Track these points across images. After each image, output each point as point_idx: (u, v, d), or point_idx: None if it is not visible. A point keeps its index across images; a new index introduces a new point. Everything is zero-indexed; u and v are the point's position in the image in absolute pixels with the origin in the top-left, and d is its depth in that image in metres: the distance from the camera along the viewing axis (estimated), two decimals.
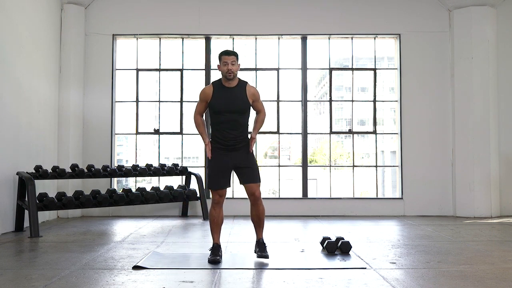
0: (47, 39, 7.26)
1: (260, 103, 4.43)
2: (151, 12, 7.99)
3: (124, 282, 3.56)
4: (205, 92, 4.31)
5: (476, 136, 7.60)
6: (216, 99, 4.25)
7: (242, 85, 4.33)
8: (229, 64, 4.21)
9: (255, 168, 4.35)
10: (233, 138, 4.25)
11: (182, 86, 8.18)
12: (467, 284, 3.45)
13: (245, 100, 4.28)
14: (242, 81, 4.37)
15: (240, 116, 4.28)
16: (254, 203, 4.33)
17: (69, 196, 6.22)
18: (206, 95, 4.30)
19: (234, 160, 4.27)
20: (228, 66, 4.21)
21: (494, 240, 5.45)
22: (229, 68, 4.21)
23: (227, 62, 4.22)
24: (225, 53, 4.28)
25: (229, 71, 4.21)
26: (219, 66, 4.29)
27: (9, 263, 4.23)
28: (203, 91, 4.33)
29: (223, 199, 4.29)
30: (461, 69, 7.74)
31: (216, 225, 4.32)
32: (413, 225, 6.70)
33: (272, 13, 8.03)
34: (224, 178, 4.27)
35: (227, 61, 4.22)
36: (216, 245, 4.32)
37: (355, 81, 8.46)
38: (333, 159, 9.26)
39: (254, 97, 4.34)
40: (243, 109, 4.29)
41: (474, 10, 7.65)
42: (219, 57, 4.31)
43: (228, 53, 4.27)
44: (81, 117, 7.79)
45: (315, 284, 3.52)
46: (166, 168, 7.39)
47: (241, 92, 4.29)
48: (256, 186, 4.30)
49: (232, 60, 4.23)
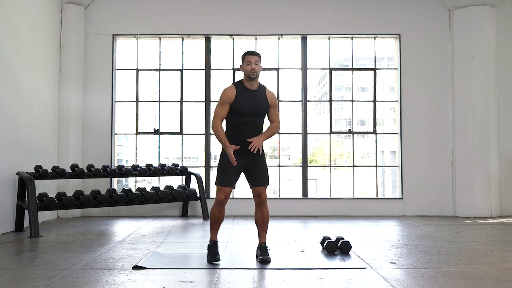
0: (47, 39, 7.26)
1: (276, 111, 4.41)
2: (151, 12, 7.99)
3: (124, 282, 3.56)
4: (228, 93, 4.22)
5: (476, 136, 7.60)
6: (239, 101, 4.21)
7: (262, 89, 4.34)
8: (252, 64, 4.21)
9: (266, 171, 4.35)
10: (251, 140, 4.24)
11: (182, 86, 8.18)
12: (467, 284, 3.45)
13: (266, 104, 4.30)
14: (261, 84, 4.37)
15: (259, 119, 4.30)
16: (260, 205, 4.32)
17: (69, 196, 6.22)
18: (230, 96, 4.21)
19: (247, 161, 4.24)
20: (251, 66, 4.21)
21: (494, 240, 5.45)
22: (253, 68, 4.21)
23: (250, 61, 4.23)
24: (249, 53, 4.29)
25: (253, 70, 4.21)
26: (242, 66, 4.28)
27: (9, 263, 4.23)
28: (226, 92, 4.23)
29: (227, 200, 4.27)
30: (461, 69, 7.74)
31: (216, 222, 4.31)
32: (413, 225, 6.70)
33: (272, 13, 8.03)
34: (235, 177, 4.27)
35: (251, 61, 4.22)
36: (214, 242, 4.31)
37: (355, 81, 8.46)
38: (333, 159, 9.25)
39: (272, 102, 4.35)
40: (264, 112, 4.31)
41: (474, 10, 7.65)
42: (242, 57, 4.30)
43: (252, 53, 4.28)
44: (81, 117, 7.79)
45: (315, 284, 3.52)
46: (166, 168, 7.39)
47: (262, 95, 4.30)
48: (264, 188, 4.31)
49: (256, 60, 4.23)
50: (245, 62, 4.26)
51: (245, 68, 4.24)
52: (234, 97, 4.22)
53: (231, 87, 4.29)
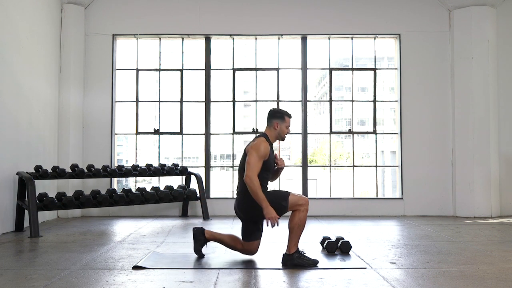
0: (47, 39, 7.26)
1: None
2: (151, 12, 7.99)
3: (124, 282, 3.56)
4: (267, 149, 4.01)
5: (476, 136, 7.60)
6: (270, 158, 4.11)
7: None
8: (289, 128, 4.19)
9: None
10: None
11: (182, 86, 8.18)
12: (467, 284, 3.45)
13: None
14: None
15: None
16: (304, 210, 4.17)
17: (69, 196, 6.22)
18: (268, 152, 4.02)
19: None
20: (289, 130, 4.19)
21: (494, 240, 5.45)
22: (289, 132, 4.20)
23: (289, 126, 4.18)
24: (290, 116, 4.18)
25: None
26: (279, 125, 4.11)
27: (9, 263, 4.23)
28: (266, 148, 4.00)
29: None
30: (461, 69, 7.74)
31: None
32: (413, 225, 6.70)
33: (272, 13, 8.03)
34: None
35: (290, 124, 4.18)
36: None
37: (355, 81, 8.46)
38: (333, 159, 9.25)
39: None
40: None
41: (474, 10, 7.65)
42: (283, 116, 4.13)
43: (291, 117, 4.20)
44: (81, 117, 7.79)
45: (315, 284, 3.51)
46: (166, 168, 7.39)
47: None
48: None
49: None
50: (285, 123, 4.13)
51: (284, 130, 4.13)
52: (268, 154, 4.05)
53: (266, 142, 4.05)
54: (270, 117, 4.18)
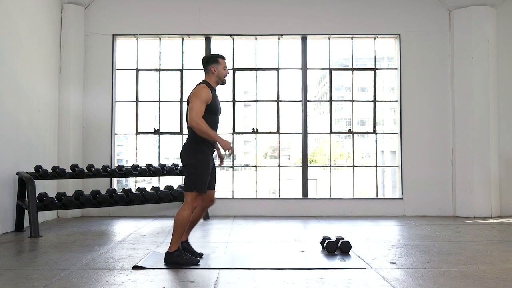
0: (47, 39, 7.26)
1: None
2: (151, 12, 7.99)
3: (124, 282, 3.56)
4: (208, 93, 4.12)
5: (476, 136, 7.60)
6: (215, 101, 4.21)
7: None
8: (227, 69, 4.34)
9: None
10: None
11: (182, 86, 8.18)
12: (467, 284, 3.45)
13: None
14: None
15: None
16: (206, 209, 4.37)
17: (69, 196, 6.22)
18: (209, 96, 4.13)
19: (212, 163, 4.27)
20: (227, 71, 4.33)
21: (494, 240, 5.45)
22: (227, 73, 4.34)
23: (226, 67, 4.34)
24: (224, 58, 4.35)
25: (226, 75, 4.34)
26: (216, 68, 4.26)
27: (9, 263, 4.23)
28: (207, 92, 4.11)
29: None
30: (461, 69, 7.74)
31: (190, 223, 4.28)
32: (413, 225, 6.70)
33: (272, 13, 8.03)
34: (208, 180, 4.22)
35: (226, 66, 4.34)
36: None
37: (355, 81, 8.46)
38: (333, 159, 9.25)
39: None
40: None
41: (474, 10, 7.65)
42: (216, 59, 4.29)
43: (225, 58, 4.37)
44: (81, 117, 7.79)
45: (315, 284, 3.52)
46: (166, 168, 7.39)
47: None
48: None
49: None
50: (221, 65, 4.28)
51: (222, 72, 4.29)
52: (211, 97, 4.17)
53: (206, 86, 4.18)
54: (205, 64, 4.32)
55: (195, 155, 4.10)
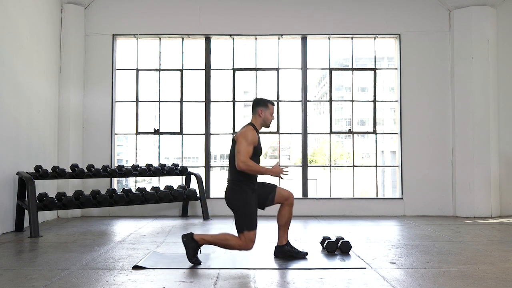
0: (47, 39, 7.26)
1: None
2: (151, 12, 7.99)
3: (124, 282, 3.56)
4: (255, 136, 4.23)
5: (476, 136, 7.60)
6: (259, 144, 4.31)
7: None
8: (273, 115, 4.45)
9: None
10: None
11: (182, 86, 8.18)
12: (467, 284, 3.45)
13: None
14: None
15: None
16: (291, 205, 4.47)
17: (69, 196, 6.22)
18: (256, 139, 4.24)
19: (256, 197, 4.33)
20: (273, 117, 4.44)
21: (494, 240, 5.45)
22: (273, 119, 4.45)
23: (273, 112, 4.43)
24: (273, 104, 4.45)
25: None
26: (264, 112, 4.33)
27: (9, 263, 4.23)
28: (254, 135, 4.22)
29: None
30: (461, 69, 7.74)
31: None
32: (413, 225, 6.70)
33: (272, 13, 8.03)
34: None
35: (273, 112, 4.44)
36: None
37: (355, 81, 8.46)
38: (333, 159, 9.25)
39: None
40: None
41: (474, 10, 7.65)
42: (266, 104, 4.37)
43: (274, 104, 4.47)
44: (81, 117, 7.79)
45: (315, 284, 3.51)
46: (166, 168, 7.39)
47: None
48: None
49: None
50: (269, 110, 4.37)
51: (268, 117, 4.37)
52: (257, 140, 4.27)
53: (253, 129, 4.28)
54: (255, 106, 4.40)
55: (238, 197, 4.20)
